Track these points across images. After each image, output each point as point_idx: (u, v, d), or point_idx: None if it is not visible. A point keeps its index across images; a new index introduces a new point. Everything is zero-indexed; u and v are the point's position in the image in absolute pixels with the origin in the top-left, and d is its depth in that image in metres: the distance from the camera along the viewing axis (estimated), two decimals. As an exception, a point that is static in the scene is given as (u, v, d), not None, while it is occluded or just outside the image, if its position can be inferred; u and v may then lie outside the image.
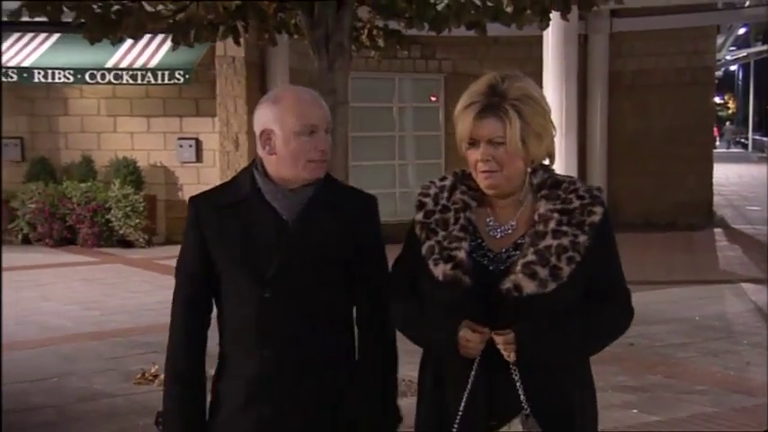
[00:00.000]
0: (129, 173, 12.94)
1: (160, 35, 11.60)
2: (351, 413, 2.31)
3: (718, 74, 35.86)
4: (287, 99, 2.27)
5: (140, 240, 12.62)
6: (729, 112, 62.22)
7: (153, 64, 12.03)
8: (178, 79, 12.02)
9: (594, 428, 2.25)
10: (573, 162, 9.74)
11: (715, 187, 16.42)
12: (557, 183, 2.19)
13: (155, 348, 6.30)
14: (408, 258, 2.25)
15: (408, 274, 2.24)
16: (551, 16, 6.26)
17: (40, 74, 12.04)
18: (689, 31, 14.92)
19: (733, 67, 53.78)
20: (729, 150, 46.28)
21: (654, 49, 15.23)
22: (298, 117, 2.24)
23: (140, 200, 12.59)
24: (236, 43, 6.50)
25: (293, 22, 6.68)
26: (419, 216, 2.23)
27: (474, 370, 2.11)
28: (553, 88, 9.63)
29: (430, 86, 15.17)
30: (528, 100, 2.13)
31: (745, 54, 39.85)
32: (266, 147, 2.27)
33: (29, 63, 12.17)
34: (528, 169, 2.18)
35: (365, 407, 2.32)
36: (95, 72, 12.02)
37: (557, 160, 8.37)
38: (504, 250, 2.17)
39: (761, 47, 37.49)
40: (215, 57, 12.52)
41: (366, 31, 7.42)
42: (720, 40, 20.52)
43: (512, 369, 2.09)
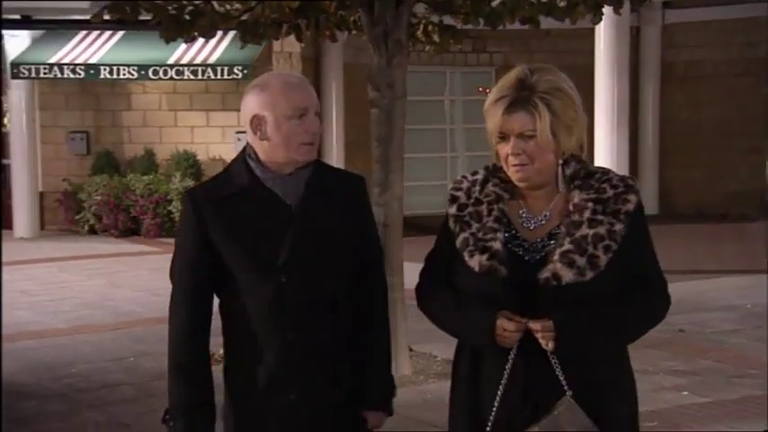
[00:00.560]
0: (189, 166, 13.38)
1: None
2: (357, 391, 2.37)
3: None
4: (275, 84, 2.30)
5: (200, 231, 13.04)
6: (785, 102, 61.08)
7: (213, 60, 12.44)
8: (237, 74, 12.41)
9: (634, 416, 2.25)
10: (625, 153, 9.88)
11: (768, 179, 16.36)
12: (590, 173, 2.20)
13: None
14: (442, 251, 2.27)
15: (442, 266, 2.25)
16: (604, 10, 6.45)
17: (105, 70, 12.53)
18: (741, 21, 14.87)
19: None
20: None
21: (706, 40, 15.21)
22: (287, 101, 2.26)
23: (200, 192, 12.99)
24: (299, 41, 6.80)
25: (353, 19, 6.97)
26: (452, 209, 2.24)
27: (510, 360, 2.13)
28: (605, 81, 9.78)
29: (480, 79, 15.35)
30: (557, 92, 2.14)
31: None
32: (257, 132, 2.28)
33: (95, 60, 12.67)
34: (559, 161, 2.18)
35: (375, 388, 2.39)
36: (158, 68, 12.47)
37: (609, 152, 8.69)
38: (540, 240, 2.17)
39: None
40: (272, 52, 12.86)
41: (421, 26, 7.66)
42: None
43: (551, 357, 2.10)
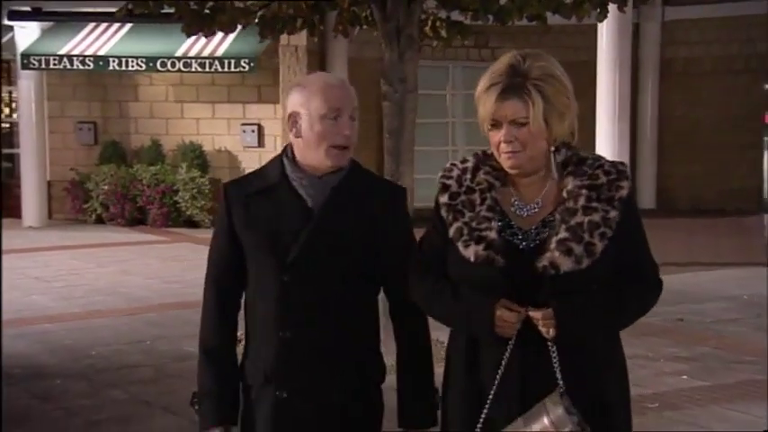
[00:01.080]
0: (196, 157, 13.56)
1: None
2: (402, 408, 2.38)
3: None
4: (314, 83, 2.34)
5: (205, 221, 13.22)
6: (782, 99, 61.30)
7: (220, 53, 12.61)
8: (243, 67, 12.59)
9: (627, 405, 2.24)
10: (625, 147, 10.08)
11: (766, 175, 16.56)
12: (581, 159, 2.19)
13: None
14: (434, 240, 2.24)
15: (434, 255, 2.22)
16: (608, 8, 6.65)
17: (114, 62, 12.70)
18: (740, 19, 15.05)
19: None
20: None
21: (705, 37, 15.40)
22: (323, 100, 2.29)
23: (206, 183, 13.21)
24: (312, 35, 7.01)
25: (364, 15, 7.17)
26: (444, 198, 2.22)
27: (509, 350, 2.11)
28: (607, 76, 9.98)
29: (482, 74, 15.50)
30: (550, 79, 2.12)
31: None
32: (293, 129, 2.34)
33: (104, 52, 12.84)
34: (551, 148, 2.17)
35: (406, 401, 2.38)
36: (166, 60, 12.65)
37: (609, 146, 8.95)
38: (534, 228, 2.16)
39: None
40: (278, 46, 13.04)
41: (430, 22, 7.87)
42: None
43: (549, 346, 2.09)
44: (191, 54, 12.66)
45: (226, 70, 12.69)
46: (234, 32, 5.95)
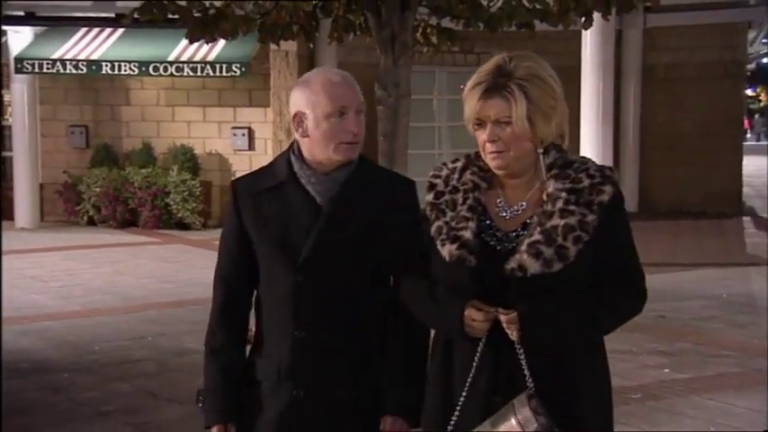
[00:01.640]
0: (187, 160, 13.74)
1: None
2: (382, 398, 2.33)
3: (751, 67, 35.99)
4: (317, 81, 2.29)
5: (196, 223, 13.42)
6: (761, 104, 61.99)
7: (211, 57, 12.81)
8: (235, 72, 12.80)
9: (608, 413, 2.22)
10: (609, 151, 10.37)
11: (745, 179, 16.90)
12: (568, 162, 2.17)
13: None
14: (420, 239, 2.25)
15: (419, 255, 2.23)
16: (593, 16, 6.93)
17: (107, 66, 12.88)
18: (720, 26, 15.39)
19: (766, 60, 53.63)
20: (760, 143, 46.31)
21: (686, 44, 15.71)
22: (327, 98, 2.25)
23: (197, 185, 13.39)
24: (309, 42, 7.23)
25: (358, 22, 7.42)
26: (430, 197, 2.24)
27: (479, 350, 2.11)
28: (591, 82, 10.27)
29: (467, 79, 15.69)
30: (535, 79, 2.11)
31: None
32: (299, 129, 2.30)
33: (97, 56, 13.01)
34: (539, 150, 2.15)
35: (391, 392, 2.33)
36: (158, 64, 12.84)
37: (593, 150, 9.30)
38: (513, 230, 2.15)
39: (793, 40, 37.54)
40: (269, 51, 13.25)
41: (421, 29, 8.13)
42: (752, 34, 20.92)
43: (517, 348, 2.08)
44: (183, 58, 12.86)
45: (217, 75, 12.90)
46: (235, 39, 6.16)
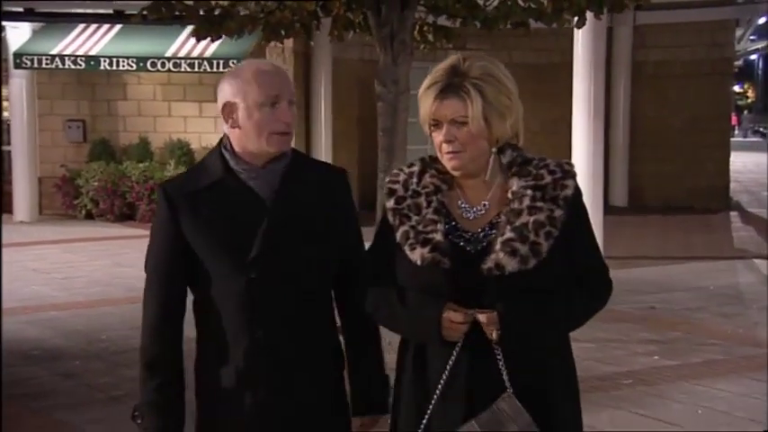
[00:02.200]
0: (183, 154, 13.93)
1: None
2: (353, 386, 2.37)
3: (739, 63, 36.29)
4: (247, 71, 2.23)
5: (193, 217, 13.58)
6: (749, 101, 62.50)
7: (209, 53, 12.97)
8: (232, 68, 12.90)
9: (578, 410, 2.24)
10: (600, 146, 10.59)
11: (733, 174, 17.20)
12: (527, 160, 2.17)
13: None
14: (382, 246, 2.21)
15: (383, 262, 2.19)
16: (586, 15, 7.13)
17: (105, 62, 13.03)
18: (709, 23, 15.65)
19: (753, 57, 54.11)
20: (747, 139, 46.73)
21: (675, 41, 15.97)
22: (258, 87, 2.20)
23: (194, 179, 13.54)
24: (310, 39, 7.42)
25: (357, 21, 7.60)
26: (390, 203, 2.19)
27: (455, 353, 2.09)
28: (583, 78, 10.47)
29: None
30: (490, 79, 2.10)
31: (765, 44, 40.27)
32: (229, 120, 2.24)
33: (95, 52, 13.16)
34: (493, 149, 2.15)
35: (358, 381, 2.37)
36: (156, 60, 13.00)
37: (585, 145, 9.51)
38: (480, 230, 2.14)
39: (780, 37, 37.89)
40: (265, 47, 13.39)
41: (418, 27, 8.32)
42: (740, 32, 21.21)
43: (495, 350, 2.07)
44: (180, 54, 13.02)
45: (215, 70, 13.06)
46: (241, 37, 6.34)
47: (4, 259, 9.91)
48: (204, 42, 13.18)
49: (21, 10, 13.10)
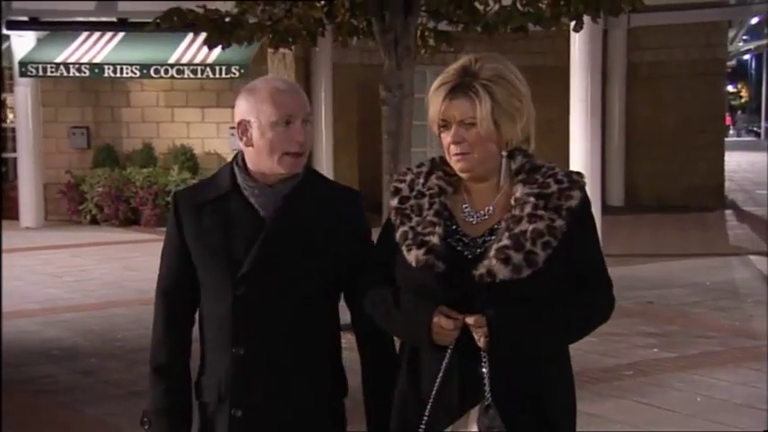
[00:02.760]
0: (186, 159, 14.13)
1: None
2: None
3: (732, 63, 36.60)
4: (262, 89, 2.22)
5: (197, 221, 13.78)
6: (743, 100, 62.83)
7: (211, 59, 13.19)
8: (234, 74, 13.19)
9: (573, 423, 2.18)
10: (597, 147, 10.83)
11: (728, 174, 17.44)
12: (535, 167, 2.13)
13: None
14: (384, 246, 2.21)
15: (384, 261, 2.19)
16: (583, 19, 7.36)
17: (109, 69, 13.24)
18: (701, 25, 15.87)
19: (747, 57, 54.45)
20: (742, 139, 47.02)
21: (669, 43, 16.21)
22: (273, 106, 2.19)
23: (197, 184, 13.76)
24: (315, 46, 7.64)
25: (361, 27, 7.83)
26: (394, 202, 2.19)
27: (447, 357, 2.07)
28: (579, 80, 10.71)
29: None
30: (500, 80, 2.07)
31: (758, 45, 40.60)
32: (243, 138, 2.24)
33: (99, 59, 13.37)
34: (504, 153, 2.12)
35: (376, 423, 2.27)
36: (159, 67, 13.21)
37: (582, 146, 9.80)
38: (481, 235, 2.11)
39: (773, 37, 38.19)
40: (266, 53, 13.62)
41: (419, 32, 8.54)
42: (732, 32, 21.48)
43: (482, 355, 2.04)
44: (183, 61, 13.23)
45: (217, 76, 13.28)
46: (251, 44, 6.55)
47: (14, 264, 10.18)
48: (206, 49, 13.50)
49: (25, 19, 13.32)
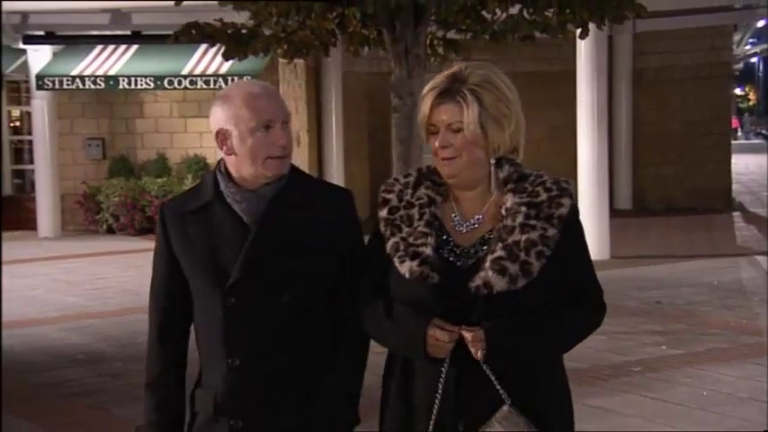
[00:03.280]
0: (200, 168, 14.38)
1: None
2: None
3: (739, 66, 36.67)
4: (237, 96, 2.18)
5: (211, 229, 14.02)
6: (750, 103, 62.84)
7: (223, 70, 13.43)
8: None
9: (569, 427, 2.20)
10: (604, 151, 11.01)
11: (735, 176, 17.57)
12: (523, 176, 2.13)
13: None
14: (374, 257, 2.18)
15: (374, 273, 2.16)
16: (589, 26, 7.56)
17: (124, 81, 13.51)
18: (706, 29, 16.03)
19: (754, 59, 54.47)
20: (749, 142, 47.05)
21: (674, 47, 16.38)
22: (250, 112, 2.15)
23: (211, 192, 13.99)
24: (326, 55, 7.86)
25: (372, 37, 8.04)
26: (383, 213, 2.17)
27: (444, 371, 2.05)
28: (586, 86, 10.90)
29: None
30: (488, 86, 2.08)
31: (765, 47, 40.71)
32: (223, 147, 2.21)
33: (114, 72, 13.64)
34: (492, 160, 2.11)
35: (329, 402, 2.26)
36: (173, 78, 13.47)
37: (590, 150, 10.07)
38: (472, 245, 2.10)
39: (779, 40, 38.33)
40: (277, 62, 13.87)
41: (428, 41, 8.76)
42: (738, 36, 21.64)
43: (484, 367, 2.04)
44: (196, 72, 13.49)
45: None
46: (267, 56, 6.77)
47: (35, 273, 10.43)
48: (219, 60, 13.75)
49: (42, 33, 13.60)
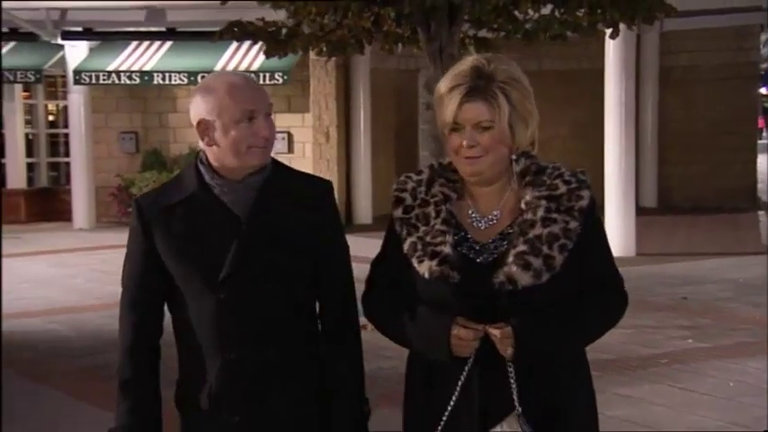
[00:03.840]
0: (230, 162, 14.63)
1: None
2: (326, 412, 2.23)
3: (766, 66, 36.53)
4: (220, 87, 2.14)
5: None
6: (777, 103, 62.33)
7: (255, 67, 13.67)
8: (278, 80, 13.67)
9: (595, 425, 2.18)
10: (632, 149, 11.15)
11: (760, 176, 17.61)
12: (541, 169, 2.10)
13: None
14: (389, 257, 2.16)
15: (389, 273, 2.14)
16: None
17: (158, 76, 13.78)
18: (734, 29, 16.08)
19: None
20: (775, 141, 46.66)
21: (701, 47, 16.45)
22: (234, 103, 2.11)
23: (241, 186, 14.27)
24: (361, 53, 8.07)
25: (406, 35, 8.24)
26: (398, 212, 2.13)
27: (467, 369, 2.02)
28: (614, 84, 11.05)
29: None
30: (515, 83, 2.05)
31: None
32: (205, 138, 2.16)
33: (149, 67, 13.91)
34: (513, 156, 2.10)
35: (336, 406, 2.22)
36: (206, 74, 13.56)
37: (617, 148, 10.33)
38: (491, 241, 2.07)
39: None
40: (308, 59, 14.09)
41: (460, 39, 8.94)
42: (765, 36, 21.62)
43: (508, 366, 2.01)
44: (229, 68, 13.70)
45: (261, 83, 13.72)
46: (306, 54, 6.98)
47: (72, 262, 10.72)
48: (251, 56, 14.01)
49: (80, 29, 13.90)
